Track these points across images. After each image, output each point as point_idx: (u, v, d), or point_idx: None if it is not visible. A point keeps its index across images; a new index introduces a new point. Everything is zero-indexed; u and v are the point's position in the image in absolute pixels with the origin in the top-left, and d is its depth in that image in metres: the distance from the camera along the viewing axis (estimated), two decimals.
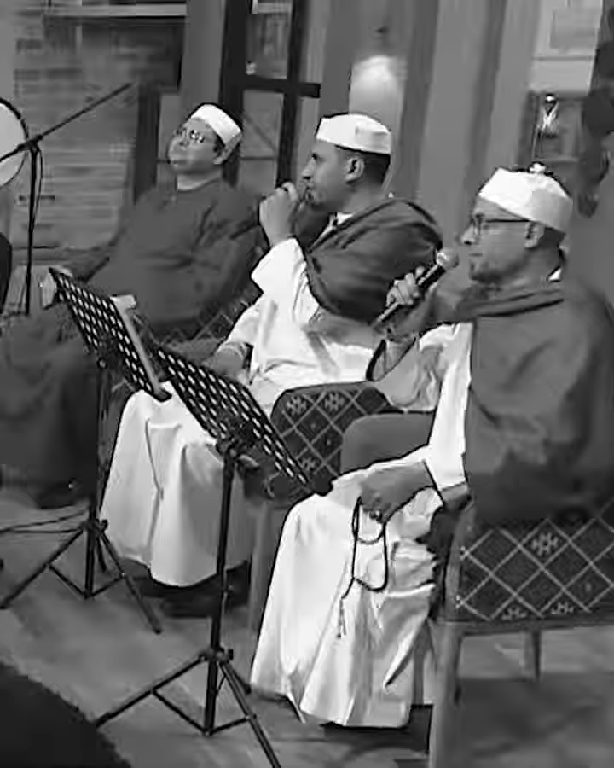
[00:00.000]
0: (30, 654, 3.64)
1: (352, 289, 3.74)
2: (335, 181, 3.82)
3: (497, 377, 3.18)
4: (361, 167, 3.80)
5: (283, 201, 3.84)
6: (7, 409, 4.43)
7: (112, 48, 6.96)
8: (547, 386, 3.08)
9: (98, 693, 3.47)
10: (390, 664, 3.20)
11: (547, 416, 3.04)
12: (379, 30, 5.76)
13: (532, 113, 7.87)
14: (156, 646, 3.75)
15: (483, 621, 3.17)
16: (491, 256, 3.19)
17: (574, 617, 3.25)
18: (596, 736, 3.48)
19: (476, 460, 3.08)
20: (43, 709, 3.41)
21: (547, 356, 3.10)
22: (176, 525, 3.75)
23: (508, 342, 3.18)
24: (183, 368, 3.20)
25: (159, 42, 7.06)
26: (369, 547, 3.15)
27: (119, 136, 7.07)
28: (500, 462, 3.04)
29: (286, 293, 3.78)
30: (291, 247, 3.83)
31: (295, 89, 6.50)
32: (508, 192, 3.18)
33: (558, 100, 8.06)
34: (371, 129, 3.83)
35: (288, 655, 3.32)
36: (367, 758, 3.32)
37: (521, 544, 3.13)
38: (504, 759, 3.36)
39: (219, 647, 3.29)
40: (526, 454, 3.03)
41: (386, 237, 3.75)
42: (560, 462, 3.04)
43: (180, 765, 3.24)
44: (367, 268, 3.74)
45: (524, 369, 3.13)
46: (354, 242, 3.79)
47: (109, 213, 7.10)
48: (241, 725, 3.29)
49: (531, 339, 3.14)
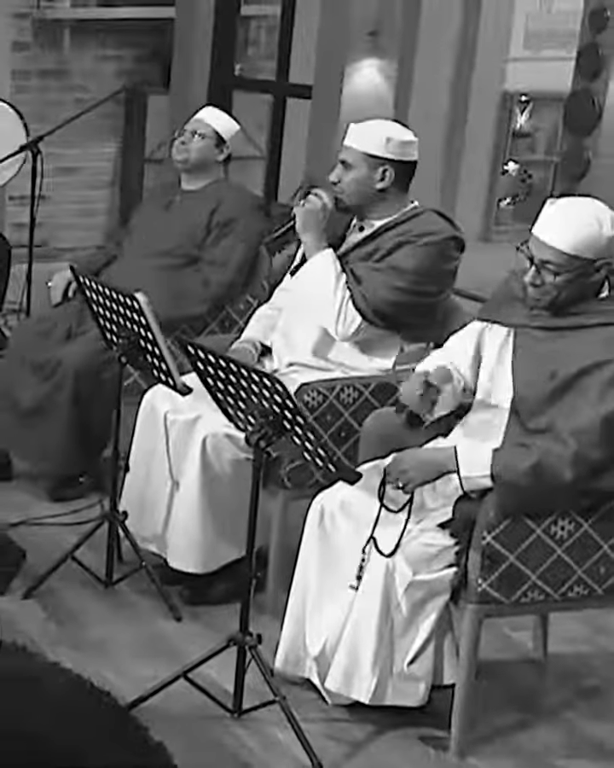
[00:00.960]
0: (55, 643, 3.73)
1: (393, 303, 3.84)
2: (365, 188, 3.89)
3: (542, 392, 3.27)
4: (391, 176, 3.88)
5: (320, 210, 3.90)
6: (20, 404, 4.53)
7: (99, 49, 7.05)
8: (588, 406, 3.18)
9: (126, 679, 3.57)
10: (412, 645, 3.32)
11: (582, 432, 3.15)
12: (370, 33, 5.88)
13: (506, 112, 8.03)
14: (177, 633, 3.86)
15: (502, 604, 3.30)
16: (561, 293, 3.24)
17: (588, 599, 3.39)
18: (606, 714, 3.62)
19: (504, 461, 3.20)
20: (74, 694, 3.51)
21: (594, 377, 3.19)
22: (196, 513, 3.85)
23: (556, 358, 3.26)
24: (213, 362, 3.31)
25: (145, 43, 7.17)
26: (393, 517, 3.28)
27: (106, 136, 7.16)
28: (526, 469, 3.16)
29: (326, 305, 3.85)
30: (329, 258, 3.90)
31: (284, 90, 6.61)
32: (579, 240, 3.19)
33: (531, 100, 8.23)
34: (401, 138, 3.90)
35: (313, 639, 3.43)
36: (390, 736, 3.44)
37: (540, 530, 3.26)
38: (519, 737, 3.49)
39: (248, 631, 3.40)
40: (554, 467, 3.14)
41: (424, 252, 3.84)
42: (584, 478, 3.16)
43: (211, 746, 3.35)
44: (407, 282, 3.83)
45: (570, 387, 3.23)
46: (392, 256, 3.86)
47: (96, 213, 7.19)
48: (268, 707, 3.41)
49: (581, 358, 3.22)
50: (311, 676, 3.48)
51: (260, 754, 3.34)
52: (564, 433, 3.17)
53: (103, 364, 4.43)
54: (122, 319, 3.77)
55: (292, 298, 4.03)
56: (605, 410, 3.16)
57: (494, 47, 7.33)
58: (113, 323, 3.85)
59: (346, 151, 3.91)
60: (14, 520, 4.37)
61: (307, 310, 3.95)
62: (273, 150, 6.78)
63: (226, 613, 3.95)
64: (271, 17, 7.26)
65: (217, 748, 3.34)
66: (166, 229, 4.64)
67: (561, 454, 3.15)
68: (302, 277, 3.94)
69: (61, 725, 3.55)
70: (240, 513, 3.86)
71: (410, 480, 3.31)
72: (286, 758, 3.33)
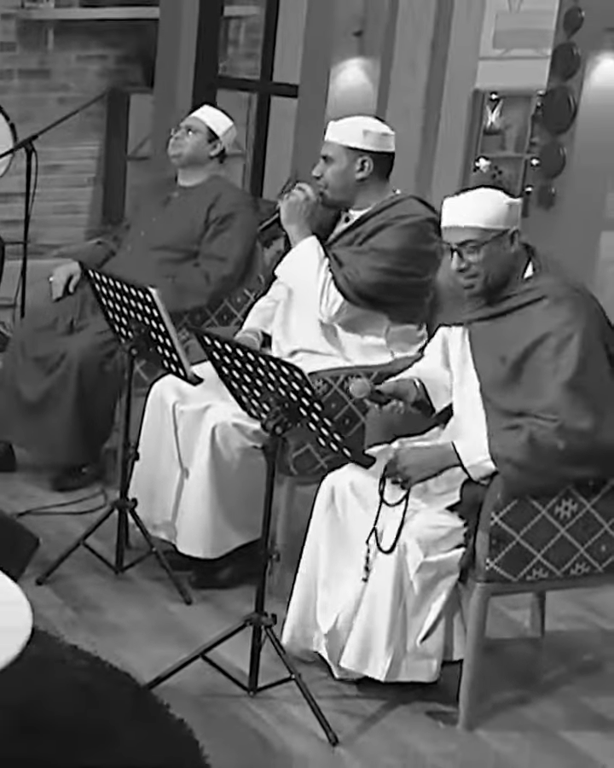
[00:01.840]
0: (72, 627, 3.85)
1: (375, 283, 3.99)
2: (346, 179, 4.05)
3: (501, 376, 3.47)
4: (369, 166, 4.04)
5: (303, 202, 4.06)
6: (23, 397, 4.64)
7: (82, 49, 7.15)
8: (547, 380, 3.36)
9: (142, 660, 3.69)
10: (424, 623, 3.46)
11: (556, 407, 3.33)
12: (355, 33, 6.02)
13: (477, 110, 8.19)
14: (188, 616, 3.99)
15: (509, 582, 3.45)
16: (489, 272, 3.45)
17: (589, 577, 3.55)
18: (603, 688, 3.77)
19: (500, 444, 3.36)
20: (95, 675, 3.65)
21: (541, 352, 3.38)
22: (205, 499, 3.98)
23: (502, 343, 3.47)
24: (230, 351, 3.43)
25: (127, 43, 7.27)
26: (393, 511, 3.43)
27: (90, 134, 7.26)
28: (522, 445, 3.32)
29: (311, 288, 4.01)
30: (313, 244, 4.06)
31: (269, 89, 6.74)
32: (480, 212, 3.43)
33: (501, 98, 8.40)
34: (378, 130, 4.08)
35: (323, 615, 3.56)
36: (400, 711, 3.58)
37: (545, 510, 3.42)
38: (523, 710, 3.64)
39: (263, 611, 3.53)
40: (545, 438, 3.31)
41: (404, 233, 4.00)
42: (578, 446, 3.32)
43: (229, 722, 3.47)
44: (388, 263, 3.99)
45: (523, 366, 3.42)
46: (373, 238, 4.03)
47: (80, 210, 7.29)
48: (282, 686, 3.55)
49: (523, 337, 3.42)
50: (320, 649, 3.60)
51: (277, 729, 3.47)
52: (539, 413, 3.35)
53: (106, 357, 4.55)
54: (133, 312, 3.89)
55: (286, 289, 4.17)
56: (563, 378, 3.34)
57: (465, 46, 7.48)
58: (123, 316, 3.96)
59: (327, 146, 4.07)
60: (20, 510, 4.48)
61: (299, 299, 4.09)
62: (258, 148, 6.91)
63: (234, 595, 4.10)
64: (250, 17, 7.40)
65: (235, 724, 3.47)
66: (165, 224, 4.76)
67: (548, 427, 3.32)
68: (286, 263, 4.10)
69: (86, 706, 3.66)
70: (247, 500, 4.02)
71: (410, 478, 3.46)
72: (302, 732, 3.46)
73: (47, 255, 6.48)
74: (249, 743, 3.40)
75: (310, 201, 4.08)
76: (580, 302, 3.42)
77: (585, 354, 3.34)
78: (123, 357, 4.52)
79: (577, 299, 3.43)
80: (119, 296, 3.90)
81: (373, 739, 3.46)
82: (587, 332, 3.37)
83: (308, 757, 3.37)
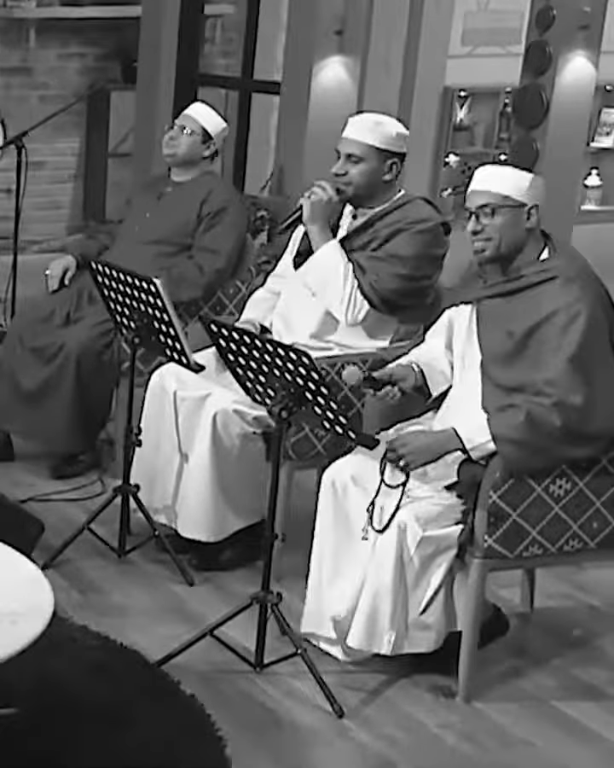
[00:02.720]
0: (80, 609, 3.96)
1: (395, 290, 4.10)
2: (373, 180, 4.11)
3: (505, 351, 3.61)
4: (397, 169, 4.12)
5: (327, 201, 4.11)
6: (22, 387, 4.75)
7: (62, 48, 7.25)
8: (551, 354, 3.51)
9: (150, 640, 3.81)
10: (424, 596, 3.59)
11: (556, 380, 3.47)
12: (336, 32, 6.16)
13: (447, 106, 8.34)
14: (191, 596, 4.11)
15: (506, 558, 3.59)
16: (502, 239, 3.59)
17: (582, 552, 3.70)
18: (592, 660, 3.93)
19: (500, 423, 3.50)
20: (107, 653, 3.77)
21: (548, 328, 3.53)
22: (206, 484, 4.10)
23: (511, 319, 3.61)
24: (237, 339, 3.55)
25: (106, 42, 7.37)
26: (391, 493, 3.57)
27: (70, 131, 7.36)
28: (519, 424, 3.46)
29: (336, 293, 4.09)
30: (336, 248, 4.13)
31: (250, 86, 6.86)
32: (508, 181, 3.59)
33: (470, 95, 8.55)
34: (403, 132, 4.15)
35: (333, 598, 3.69)
36: (402, 685, 3.72)
37: (540, 488, 3.56)
38: (517, 682, 3.79)
39: (269, 590, 3.65)
40: (543, 416, 3.45)
41: (418, 239, 4.10)
42: (573, 422, 3.47)
43: (237, 697, 3.60)
44: (409, 269, 4.09)
45: (528, 341, 3.57)
46: (389, 243, 4.11)
47: (61, 206, 7.39)
48: (287, 662, 3.68)
49: (532, 314, 3.57)
50: (331, 633, 3.73)
51: (284, 703, 3.59)
52: (539, 385, 3.49)
53: (103, 348, 4.67)
54: (135, 302, 4.00)
55: (295, 284, 4.26)
56: (566, 354, 3.48)
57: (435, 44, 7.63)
58: (125, 307, 4.08)
59: (352, 144, 4.09)
60: (22, 498, 4.59)
61: (308, 295, 4.20)
62: (239, 144, 7.03)
63: (234, 577, 4.23)
64: (227, 16, 7.53)
65: (244, 699, 3.60)
66: (159, 219, 4.88)
67: (545, 404, 3.46)
68: (310, 266, 4.16)
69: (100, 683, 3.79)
70: (247, 484, 4.16)
71: (412, 462, 3.58)
72: (308, 705, 3.59)
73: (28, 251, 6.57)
74: (258, 716, 3.53)
75: (333, 201, 4.13)
76: (589, 284, 3.58)
77: (589, 334, 3.49)
78: (120, 347, 4.67)
79: (587, 280, 3.58)
80: (122, 287, 4.02)
81: (377, 711, 3.60)
82: (594, 313, 3.52)
83: (315, 728, 3.50)
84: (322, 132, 6.10)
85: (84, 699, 3.49)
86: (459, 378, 3.80)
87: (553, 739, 3.52)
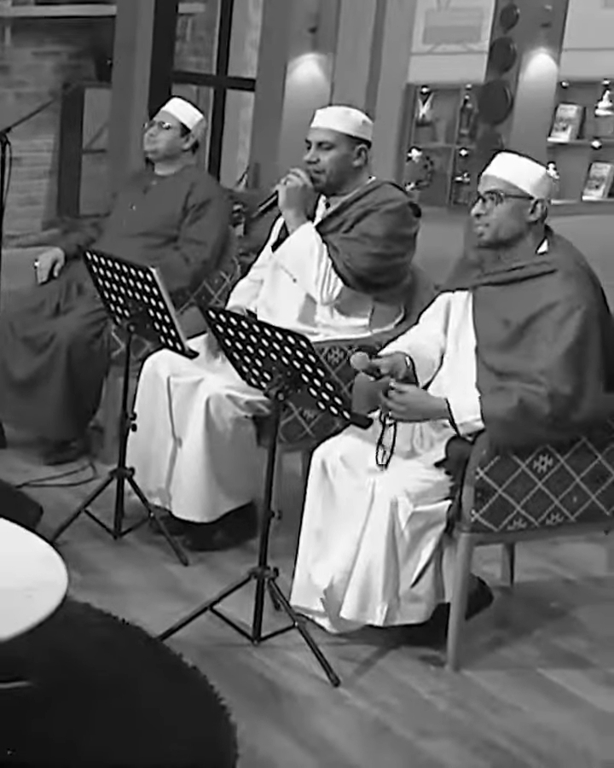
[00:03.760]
0: (82, 589, 4.08)
1: (368, 268, 4.27)
2: (344, 166, 4.30)
3: (501, 338, 3.77)
4: (365, 155, 4.32)
5: (303, 187, 4.30)
6: (14, 376, 4.89)
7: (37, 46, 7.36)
8: (547, 344, 3.67)
9: (150, 616, 3.95)
10: (415, 569, 3.76)
11: (551, 370, 3.64)
12: (310, 29, 6.32)
13: (410, 103, 8.54)
14: (186, 575, 4.26)
15: (492, 532, 3.77)
16: (500, 226, 3.78)
17: (562, 526, 3.88)
18: (571, 630, 4.11)
19: (491, 405, 3.66)
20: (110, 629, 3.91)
21: (545, 319, 3.69)
22: (200, 467, 4.25)
23: (508, 308, 3.77)
24: (234, 324, 3.71)
25: (80, 40, 7.49)
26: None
27: (46, 128, 7.48)
28: (511, 408, 3.63)
29: (311, 273, 4.27)
30: (311, 231, 4.31)
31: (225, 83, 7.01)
32: (521, 172, 3.76)
33: (432, 91, 8.76)
34: (369, 121, 4.36)
35: (322, 573, 3.85)
36: (393, 655, 3.89)
37: (524, 465, 3.74)
38: (501, 651, 3.96)
39: (266, 565, 3.81)
40: (534, 403, 3.62)
41: (388, 218, 4.28)
42: (561, 412, 3.64)
43: (237, 669, 3.75)
44: (380, 247, 4.26)
45: (525, 331, 3.73)
46: (360, 224, 4.29)
47: (36, 201, 7.50)
48: (283, 635, 3.84)
49: (530, 304, 3.72)
50: (320, 606, 3.89)
51: (282, 673, 3.75)
52: (534, 374, 3.66)
53: (94, 337, 4.81)
54: (130, 291, 4.15)
55: (274, 270, 4.43)
56: (562, 347, 3.65)
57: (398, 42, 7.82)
58: (120, 296, 4.22)
59: (323, 132, 4.29)
60: (17, 483, 4.72)
61: (289, 280, 4.37)
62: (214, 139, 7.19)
63: (227, 556, 4.39)
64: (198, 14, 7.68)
65: (243, 671, 3.75)
66: (145, 211, 5.04)
67: (538, 392, 3.63)
68: (285, 249, 4.34)
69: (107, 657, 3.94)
70: (239, 466, 4.31)
71: (400, 414, 3.73)
72: (305, 675, 3.75)
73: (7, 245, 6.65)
74: (257, 687, 3.68)
75: (308, 187, 4.32)
76: (587, 280, 3.74)
77: (585, 328, 3.66)
78: (109, 336, 4.81)
79: (585, 276, 3.74)
80: (118, 276, 4.16)
81: (371, 680, 3.77)
82: (591, 308, 3.69)
83: (313, 697, 3.66)
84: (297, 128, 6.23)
85: (94, 672, 3.63)
86: (452, 359, 3.95)
87: (538, 704, 3.71)
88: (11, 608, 3.10)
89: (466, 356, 3.87)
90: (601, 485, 3.86)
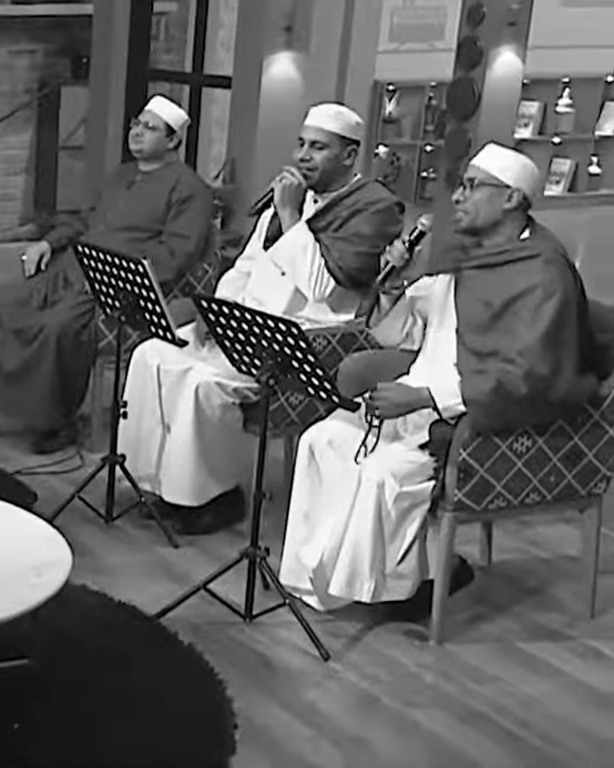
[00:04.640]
0: (76, 572, 4.20)
1: (358, 267, 4.42)
2: (336, 165, 4.43)
3: (481, 319, 3.93)
4: (355, 155, 4.46)
5: (297, 185, 4.42)
6: (5, 368, 5.01)
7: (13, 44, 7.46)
8: (525, 326, 3.83)
9: (144, 597, 4.08)
10: (401, 547, 3.92)
11: (528, 351, 3.80)
12: (285, 28, 6.47)
13: (376, 100, 8.69)
14: (177, 558, 4.40)
15: (474, 511, 3.93)
16: (477, 213, 3.94)
17: (540, 505, 4.04)
18: (548, 606, 4.28)
19: (471, 387, 3.82)
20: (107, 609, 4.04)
21: (525, 301, 3.85)
22: (189, 452, 4.39)
23: (490, 290, 3.93)
24: (226, 312, 3.85)
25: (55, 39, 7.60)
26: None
27: (22, 125, 7.59)
28: (490, 389, 3.79)
29: (304, 272, 4.40)
30: (304, 229, 4.44)
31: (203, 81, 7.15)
32: (499, 162, 3.93)
33: (397, 89, 8.92)
34: (360, 122, 4.50)
35: (310, 552, 3.99)
36: (379, 631, 4.04)
37: (505, 446, 3.90)
38: (483, 627, 4.13)
39: (258, 545, 3.96)
40: (511, 383, 3.78)
41: (378, 218, 4.43)
42: (537, 391, 3.80)
43: (230, 645, 3.90)
44: (368, 246, 4.40)
45: (504, 312, 3.89)
46: (349, 223, 4.43)
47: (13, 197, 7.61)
48: (274, 612, 3.98)
49: (511, 287, 3.88)
50: (309, 584, 4.04)
51: (274, 649, 3.90)
52: (512, 354, 3.82)
53: (81, 328, 4.94)
54: (122, 282, 4.28)
55: (264, 264, 4.56)
56: (540, 328, 3.81)
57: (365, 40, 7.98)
58: (110, 287, 4.35)
59: (317, 131, 4.41)
60: (10, 471, 4.84)
61: (277, 273, 4.51)
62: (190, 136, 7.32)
63: (216, 539, 4.53)
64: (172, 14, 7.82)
65: (236, 647, 3.90)
66: (130, 206, 5.17)
67: (515, 372, 3.78)
68: (280, 246, 4.46)
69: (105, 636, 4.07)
70: (227, 451, 4.45)
71: (386, 411, 3.90)
72: (296, 650, 3.90)
73: None
74: (251, 662, 3.83)
75: (302, 185, 4.44)
76: (567, 267, 3.90)
77: (564, 312, 3.82)
78: (96, 327, 4.94)
79: (565, 264, 3.90)
80: (108, 268, 4.29)
81: (359, 654, 3.92)
82: (570, 294, 3.85)
83: (305, 670, 3.81)
84: (273, 124, 6.44)
85: (94, 650, 3.76)
86: (432, 340, 4.10)
87: (519, 675, 3.87)
88: (21, 585, 3.24)
89: (446, 337, 4.02)
90: (576, 465, 4.02)
